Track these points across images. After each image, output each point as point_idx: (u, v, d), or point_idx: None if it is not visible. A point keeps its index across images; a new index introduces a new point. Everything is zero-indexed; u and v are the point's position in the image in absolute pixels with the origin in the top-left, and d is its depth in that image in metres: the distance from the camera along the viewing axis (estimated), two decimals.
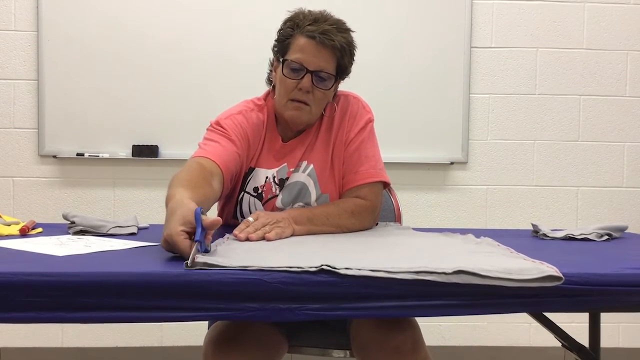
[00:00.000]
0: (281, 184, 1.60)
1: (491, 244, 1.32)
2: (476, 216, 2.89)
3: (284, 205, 1.59)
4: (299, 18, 1.54)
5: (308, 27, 1.50)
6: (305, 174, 1.61)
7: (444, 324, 2.90)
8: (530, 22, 2.88)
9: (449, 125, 2.83)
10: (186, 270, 0.96)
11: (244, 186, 1.60)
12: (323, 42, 1.49)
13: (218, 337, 1.32)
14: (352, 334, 1.42)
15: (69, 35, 2.71)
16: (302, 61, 1.50)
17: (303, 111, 1.55)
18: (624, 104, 2.92)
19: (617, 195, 2.94)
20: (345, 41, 1.53)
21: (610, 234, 1.55)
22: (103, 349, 2.81)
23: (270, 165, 1.61)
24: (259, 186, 1.60)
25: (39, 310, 0.92)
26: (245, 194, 1.60)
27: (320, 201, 1.60)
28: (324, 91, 1.54)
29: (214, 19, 2.74)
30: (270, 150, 1.62)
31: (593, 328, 1.62)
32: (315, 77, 1.51)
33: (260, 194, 1.59)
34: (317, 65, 1.51)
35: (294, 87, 1.52)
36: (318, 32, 1.48)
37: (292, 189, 1.60)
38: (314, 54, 1.50)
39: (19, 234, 1.40)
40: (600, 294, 1.02)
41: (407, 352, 1.25)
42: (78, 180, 2.78)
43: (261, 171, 1.60)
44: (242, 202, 1.60)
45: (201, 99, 2.74)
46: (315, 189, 1.60)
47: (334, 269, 0.97)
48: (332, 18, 1.55)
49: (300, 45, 1.51)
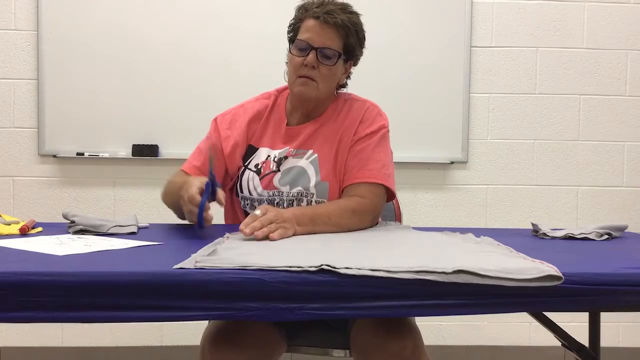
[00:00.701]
0: (279, 162, 1.66)
1: (491, 243, 1.32)
2: (476, 216, 2.89)
3: (281, 185, 1.64)
4: (307, 3, 1.64)
5: (315, 9, 1.60)
6: (308, 161, 1.66)
7: (444, 324, 2.90)
8: (530, 22, 2.88)
9: (449, 125, 2.83)
10: (186, 270, 0.97)
11: (247, 163, 1.69)
12: (327, 21, 1.58)
13: (216, 333, 1.32)
14: (352, 337, 1.41)
15: (69, 35, 2.70)
16: (308, 39, 1.60)
17: (310, 86, 1.62)
18: (624, 104, 2.92)
19: (617, 195, 2.94)
20: (348, 20, 1.61)
21: (610, 234, 1.55)
22: (103, 349, 2.81)
23: (274, 146, 1.69)
24: (259, 162, 1.67)
25: (39, 309, 0.92)
26: (246, 170, 1.68)
27: (319, 188, 1.62)
28: (329, 67, 1.61)
29: (214, 19, 2.74)
30: (277, 132, 1.71)
31: (593, 328, 1.62)
32: (319, 54, 1.59)
33: (260, 169, 1.67)
34: (322, 43, 1.59)
35: (301, 64, 1.60)
36: (322, 12, 1.59)
37: (291, 172, 1.64)
38: (318, 32, 1.59)
39: (19, 233, 1.40)
40: (600, 294, 1.02)
41: (407, 358, 1.25)
42: (78, 179, 2.78)
43: (264, 150, 1.69)
44: (242, 177, 1.67)
45: (201, 99, 2.74)
46: (316, 175, 1.64)
47: (334, 269, 0.97)
48: (339, 2, 1.65)
49: (307, 26, 1.61)
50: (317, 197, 1.62)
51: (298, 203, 1.62)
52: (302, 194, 1.62)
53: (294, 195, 1.62)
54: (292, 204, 1.61)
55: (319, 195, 1.62)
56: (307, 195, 1.63)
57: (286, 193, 1.63)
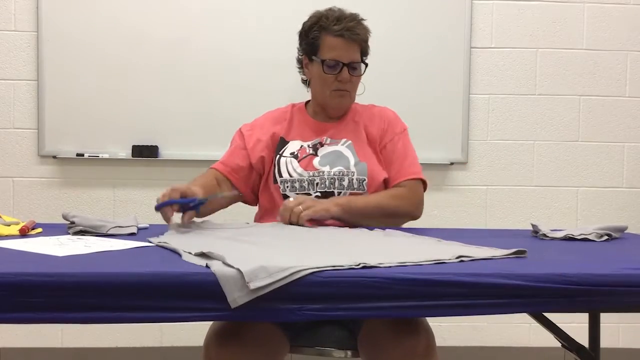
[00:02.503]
0: (314, 147, 1.81)
1: (454, 243, 1.34)
2: (476, 216, 2.89)
3: (322, 165, 1.77)
4: (322, 20, 1.78)
5: (334, 27, 1.75)
6: (344, 146, 1.81)
7: (444, 324, 2.90)
8: (530, 22, 2.88)
9: (449, 126, 2.83)
10: (186, 270, 0.97)
11: (281, 152, 1.81)
12: (351, 38, 1.76)
13: (221, 333, 1.32)
14: (363, 335, 1.41)
15: (69, 35, 2.71)
16: (337, 57, 1.77)
17: (345, 97, 1.82)
18: (624, 104, 2.92)
19: (617, 195, 2.94)
20: (365, 33, 1.81)
21: (610, 234, 1.55)
22: (103, 349, 2.81)
23: (305, 138, 1.84)
24: (294, 150, 1.81)
25: (39, 310, 0.92)
26: (281, 157, 1.80)
27: (359, 168, 1.76)
28: (358, 77, 1.82)
29: (214, 19, 2.74)
30: (305, 127, 1.86)
31: (593, 328, 1.62)
32: (350, 69, 1.78)
33: (296, 155, 1.80)
34: (349, 58, 1.77)
35: (334, 80, 1.78)
36: (345, 30, 1.75)
37: (330, 155, 1.79)
38: (345, 49, 1.77)
39: (19, 234, 1.40)
40: (600, 294, 1.02)
41: (420, 355, 1.26)
42: (78, 180, 2.78)
43: (296, 141, 1.83)
44: (280, 163, 1.79)
45: (201, 100, 2.74)
46: (353, 157, 1.78)
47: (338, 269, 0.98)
48: (349, 14, 1.80)
49: (332, 44, 1.77)
50: (357, 175, 1.75)
51: (339, 182, 1.73)
52: (343, 173, 1.75)
53: (335, 174, 1.75)
54: (333, 183, 1.74)
55: (359, 174, 1.75)
56: (348, 174, 1.75)
57: (327, 172, 1.75)
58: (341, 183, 1.73)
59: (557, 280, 1.00)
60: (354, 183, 1.74)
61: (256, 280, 0.92)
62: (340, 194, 1.72)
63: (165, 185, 1.38)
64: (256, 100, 2.62)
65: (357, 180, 1.74)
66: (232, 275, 0.94)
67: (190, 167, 2.75)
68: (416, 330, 1.29)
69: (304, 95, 1.96)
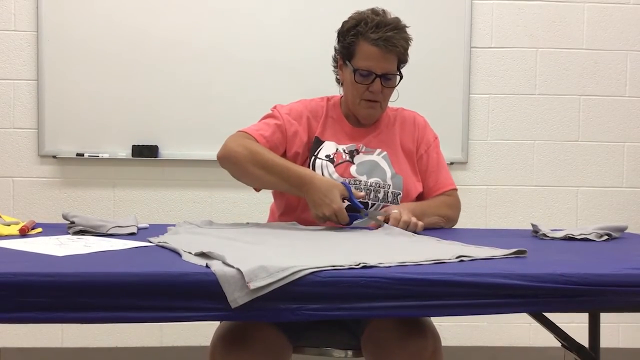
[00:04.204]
0: (351, 154, 1.76)
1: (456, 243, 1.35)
2: (476, 216, 2.89)
3: (359, 174, 1.72)
4: (361, 25, 1.68)
5: (371, 35, 1.65)
6: (380, 157, 1.77)
7: (444, 324, 2.89)
8: (530, 22, 2.88)
9: (449, 126, 2.83)
10: (186, 270, 0.97)
11: (316, 153, 1.75)
12: (387, 48, 1.66)
13: (227, 337, 1.32)
14: (367, 335, 1.40)
15: (69, 35, 2.71)
16: (370, 68, 1.68)
17: (376, 109, 1.76)
18: (624, 104, 2.92)
19: (617, 195, 2.94)
20: (405, 42, 1.72)
21: (610, 234, 1.55)
22: (103, 349, 2.81)
23: (340, 141, 1.77)
24: (330, 154, 1.75)
25: (39, 310, 0.92)
26: (317, 159, 1.74)
27: (395, 181, 1.73)
28: (391, 88, 1.75)
29: (214, 19, 2.74)
30: (340, 130, 1.80)
31: (593, 328, 1.61)
32: (383, 80, 1.70)
33: (332, 159, 1.75)
34: (384, 69, 1.69)
35: (365, 90, 1.71)
36: (382, 40, 1.65)
37: (367, 164, 1.75)
38: (380, 60, 1.67)
39: (19, 234, 1.40)
40: (600, 294, 1.02)
41: (427, 357, 1.26)
42: (78, 180, 2.78)
43: (331, 143, 1.77)
44: (315, 166, 1.73)
45: (201, 99, 2.74)
46: (390, 169, 1.75)
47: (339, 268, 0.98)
48: (391, 21, 1.70)
49: (367, 52, 1.67)
50: (393, 189, 1.73)
51: (375, 194, 1.71)
52: (379, 184, 1.72)
53: (372, 185, 1.72)
54: (369, 194, 1.71)
55: (394, 187, 1.73)
56: (384, 186, 1.73)
57: (364, 182, 1.72)
58: (377, 195, 1.71)
59: (557, 280, 1.00)
60: (388, 196, 1.72)
61: (256, 280, 0.92)
62: (374, 205, 1.70)
63: (165, 185, 1.37)
64: (256, 100, 2.62)
65: (392, 194, 1.72)
66: (232, 275, 0.94)
67: (190, 167, 2.75)
68: (423, 333, 1.29)
69: (304, 96, 1.93)
